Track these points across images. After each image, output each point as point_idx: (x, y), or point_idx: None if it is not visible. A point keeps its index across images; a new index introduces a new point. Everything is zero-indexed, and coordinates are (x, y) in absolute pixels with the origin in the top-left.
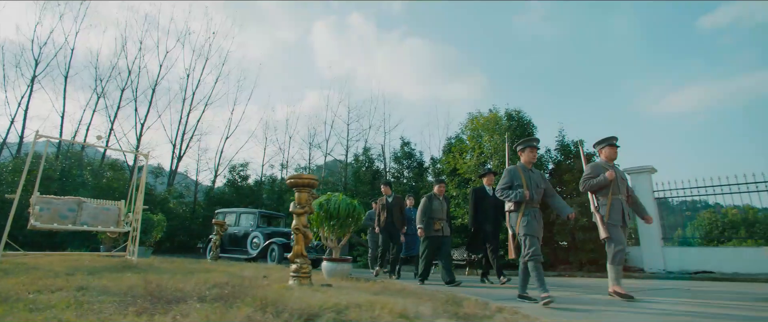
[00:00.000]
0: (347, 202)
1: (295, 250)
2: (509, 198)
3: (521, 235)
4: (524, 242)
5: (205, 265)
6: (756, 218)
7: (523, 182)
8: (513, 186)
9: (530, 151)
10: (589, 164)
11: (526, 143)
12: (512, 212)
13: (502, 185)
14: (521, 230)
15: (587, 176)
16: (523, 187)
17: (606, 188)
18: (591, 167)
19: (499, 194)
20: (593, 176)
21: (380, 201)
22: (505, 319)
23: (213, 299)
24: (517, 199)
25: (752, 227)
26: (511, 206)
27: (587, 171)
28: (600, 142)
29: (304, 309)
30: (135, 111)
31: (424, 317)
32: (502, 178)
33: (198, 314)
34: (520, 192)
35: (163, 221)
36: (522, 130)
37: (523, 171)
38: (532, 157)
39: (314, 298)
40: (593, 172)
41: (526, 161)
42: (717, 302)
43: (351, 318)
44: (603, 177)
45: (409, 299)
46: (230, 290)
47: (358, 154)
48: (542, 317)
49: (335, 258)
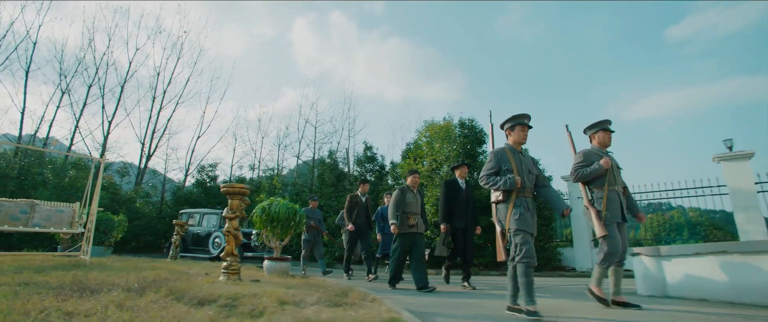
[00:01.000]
0: (287, 206)
1: (226, 250)
2: (497, 186)
3: (511, 231)
4: (515, 240)
5: (157, 263)
6: (698, 221)
7: (513, 166)
8: (500, 171)
9: (521, 130)
10: (580, 151)
11: (515, 121)
12: (500, 204)
13: (488, 170)
14: (512, 225)
15: (579, 164)
16: (514, 172)
17: (601, 179)
18: (583, 154)
19: (484, 182)
20: (586, 164)
21: (352, 198)
22: (371, 305)
23: (134, 290)
24: (506, 187)
25: (694, 228)
26: (499, 196)
27: (578, 158)
28: (592, 126)
29: (204, 296)
30: (102, 108)
31: (303, 304)
32: (488, 162)
33: (111, 299)
34: (511, 178)
35: (124, 222)
36: (474, 137)
37: (513, 153)
38: (523, 137)
39: (222, 289)
40: (586, 159)
41: (514, 142)
42: None
43: (239, 303)
44: (598, 165)
45: (308, 290)
46: (152, 283)
47: (324, 157)
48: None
49: (275, 257)
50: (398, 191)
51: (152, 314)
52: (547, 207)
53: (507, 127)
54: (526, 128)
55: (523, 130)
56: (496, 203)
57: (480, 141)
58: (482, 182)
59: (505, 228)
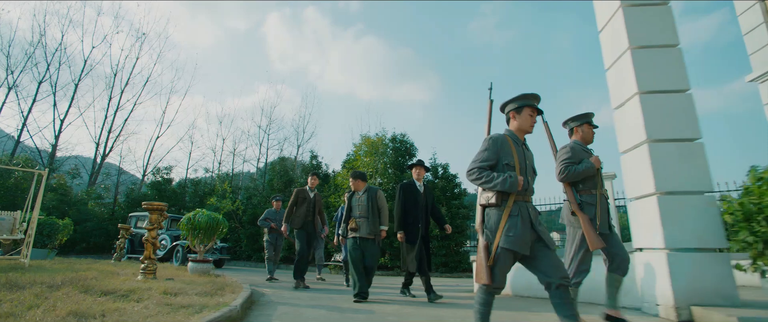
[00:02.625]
0: (209, 216)
1: (144, 254)
2: (492, 184)
3: (500, 248)
4: (497, 259)
5: (96, 265)
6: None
7: (516, 160)
8: (498, 166)
9: (529, 114)
10: (564, 146)
11: (523, 101)
12: (491, 208)
13: (482, 161)
14: (502, 241)
15: (567, 160)
16: (516, 169)
17: (590, 180)
18: (570, 149)
19: (474, 176)
20: (574, 161)
21: (299, 193)
22: (231, 295)
23: (55, 286)
24: (504, 188)
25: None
26: (492, 198)
27: (565, 154)
28: (575, 118)
29: (108, 290)
30: (54, 106)
31: (181, 294)
32: (482, 150)
33: (32, 292)
34: (512, 178)
35: (69, 225)
36: (405, 150)
37: (515, 144)
38: (530, 124)
39: (128, 285)
40: (574, 155)
41: (518, 129)
42: None
43: (131, 294)
44: (589, 164)
45: (198, 286)
46: (73, 280)
47: (275, 163)
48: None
49: (199, 259)
50: (346, 200)
51: (57, 301)
52: (469, 208)
53: (511, 109)
54: (536, 113)
55: (532, 114)
56: (486, 207)
57: (410, 154)
58: (471, 176)
59: (492, 241)
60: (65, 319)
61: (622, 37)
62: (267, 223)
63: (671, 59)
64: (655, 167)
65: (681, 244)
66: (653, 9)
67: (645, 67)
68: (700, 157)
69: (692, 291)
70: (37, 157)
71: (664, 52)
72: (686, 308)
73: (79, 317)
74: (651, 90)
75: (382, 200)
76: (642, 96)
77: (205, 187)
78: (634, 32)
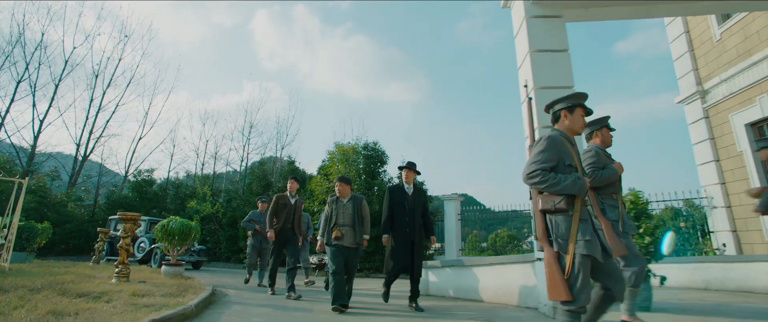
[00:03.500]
0: (182, 223)
1: (119, 260)
2: (559, 187)
3: (578, 256)
4: (576, 269)
5: (74, 268)
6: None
7: (576, 163)
8: (560, 167)
9: (581, 114)
10: (588, 150)
11: (576, 100)
12: (558, 215)
13: (544, 162)
14: (580, 248)
15: (594, 164)
16: (578, 170)
17: (612, 185)
18: (595, 153)
19: (537, 179)
20: (600, 166)
21: (279, 199)
22: (192, 296)
23: (36, 289)
24: (574, 190)
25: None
26: (560, 203)
27: (591, 158)
28: (594, 123)
29: (83, 292)
30: (33, 107)
31: (149, 295)
32: (541, 151)
33: (16, 295)
34: (581, 179)
35: (48, 229)
36: (377, 158)
37: (570, 144)
38: (582, 126)
39: (102, 287)
40: (599, 160)
41: (571, 130)
42: None
43: (103, 295)
44: (613, 170)
45: (166, 288)
46: (52, 284)
47: (254, 166)
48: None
49: (172, 263)
50: (327, 205)
51: (38, 302)
52: None
53: (562, 108)
54: (586, 113)
55: (583, 114)
56: (553, 213)
57: (382, 162)
58: (534, 178)
59: (566, 250)
60: (45, 317)
61: (525, 42)
62: (251, 225)
63: (561, 61)
64: None
65: None
66: (550, 21)
67: (540, 67)
68: None
69: None
70: (16, 157)
71: (556, 55)
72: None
73: (56, 315)
74: (544, 86)
75: (366, 209)
76: (536, 91)
77: (187, 189)
78: (534, 38)
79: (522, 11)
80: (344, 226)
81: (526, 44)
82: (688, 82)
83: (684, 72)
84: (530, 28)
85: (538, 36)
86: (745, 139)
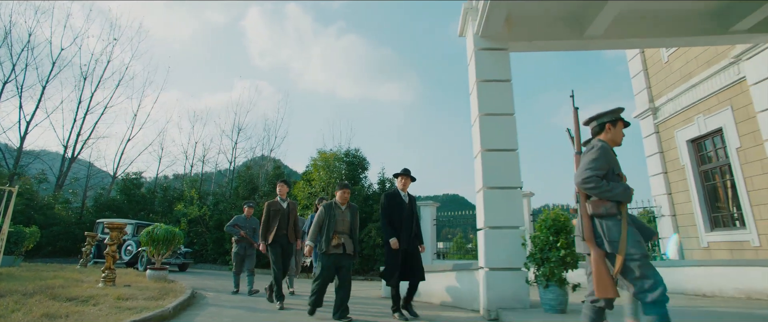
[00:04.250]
0: (166, 229)
1: (105, 265)
2: (612, 194)
3: (634, 257)
4: (638, 271)
5: (62, 272)
6: None
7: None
8: (609, 175)
9: (622, 128)
10: (595, 145)
11: (618, 114)
12: (609, 218)
13: (598, 170)
14: (632, 249)
15: (596, 168)
16: (624, 179)
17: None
18: (603, 152)
19: (592, 184)
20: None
21: (270, 206)
22: (173, 299)
23: (30, 294)
24: (625, 198)
25: None
26: (611, 208)
27: (596, 160)
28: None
29: (73, 296)
30: (20, 108)
31: (132, 298)
32: (595, 159)
33: (12, 299)
34: (629, 189)
35: (36, 233)
36: (358, 164)
37: (614, 154)
38: (622, 137)
39: (90, 292)
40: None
41: (614, 141)
42: None
43: (90, 299)
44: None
45: (149, 291)
46: (44, 288)
47: (241, 171)
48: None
49: (156, 267)
50: (322, 208)
51: (32, 306)
52: None
53: (607, 121)
54: (625, 126)
55: (623, 127)
56: (603, 217)
57: (363, 168)
58: (589, 183)
59: (616, 251)
60: (40, 319)
61: (474, 72)
62: (235, 230)
63: (504, 90)
64: (486, 203)
65: (494, 264)
66: (496, 53)
67: (486, 96)
68: (517, 200)
69: (500, 298)
70: (2, 158)
71: (500, 85)
72: (495, 310)
73: (50, 318)
74: (488, 113)
75: (358, 219)
76: (481, 117)
77: (175, 192)
78: (480, 69)
79: (472, 43)
80: (343, 234)
81: (474, 74)
82: (643, 98)
83: (639, 89)
84: (478, 59)
85: (485, 67)
86: (687, 153)
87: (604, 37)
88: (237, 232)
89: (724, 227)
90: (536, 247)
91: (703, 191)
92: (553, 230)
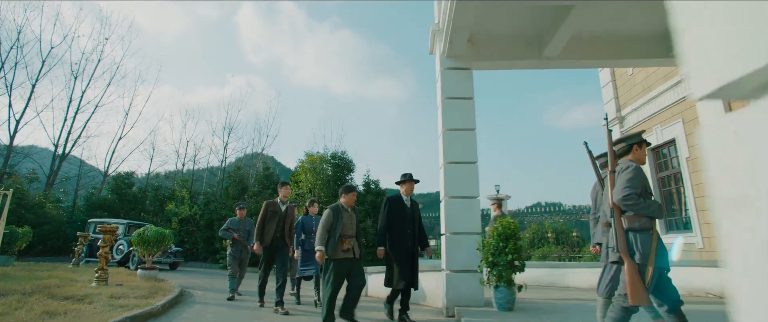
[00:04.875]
0: (156, 231)
1: (98, 266)
2: (649, 211)
3: (659, 268)
4: (654, 278)
5: (55, 271)
6: None
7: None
8: (643, 193)
9: (645, 148)
10: (630, 164)
11: (641, 138)
12: (643, 232)
13: (636, 188)
14: (661, 262)
15: (632, 186)
16: (653, 196)
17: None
18: (637, 172)
19: (632, 202)
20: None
21: (269, 206)
22: (162, 298)
23: (28, 293)
24: (658, 214)
25: None
26: (646, 223)
27: (633, 180)
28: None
29: (69, 295)
30: (9, 107)
31: (124, 297)
32: (631, 177)
33: (13, 298)
34: (661, 207)
35: (28, 233)
36: (344, 166)
37: None
38: (645, 157)
39: (84, 291)
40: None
41: (638, 160)
42: None
43: (85, 298)
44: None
45: (140, 291)
46: (41, 288)
47: (232, 171)
48: None
49: (147, 267)
50: (329, 211)
51: (33, 304)
52: None
53: (635, 142)
54: (647, 146)
55: (646, 147)
56: (637, 231)
57: (349, 169)
58: (629, 200)
59: (650, 262)
60: (41, 316)
61: (439, 90)
62: (229, 234)
63: (466, 107)
64: (447, 211)
65: (454, 266)
66: (461, 72)
67: (449, 113)
68: (475, 208)
69: (458, 297)
70: None
71: (463, 102)
72: (452, 308)
73: (50, 315)
74: (451, 128)
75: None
76: (445, 132)
77: (166, 191)
78: (445, 87)
79: (439, 63)
80: (352, 237)
81: (440, 91)
82: (611, 107)
83: (608, 99)
84: (443, 78)
85: (449, 85)
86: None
87: (560, 57)
88: (230, 235)
89: (676, 229)
90: (488, 251)
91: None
92: (503, 237)
